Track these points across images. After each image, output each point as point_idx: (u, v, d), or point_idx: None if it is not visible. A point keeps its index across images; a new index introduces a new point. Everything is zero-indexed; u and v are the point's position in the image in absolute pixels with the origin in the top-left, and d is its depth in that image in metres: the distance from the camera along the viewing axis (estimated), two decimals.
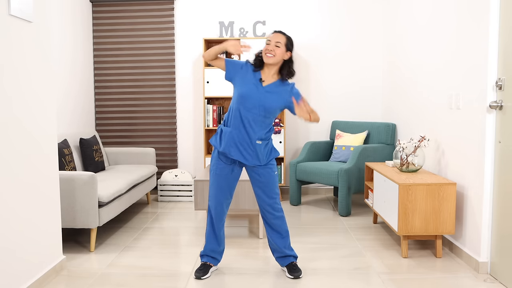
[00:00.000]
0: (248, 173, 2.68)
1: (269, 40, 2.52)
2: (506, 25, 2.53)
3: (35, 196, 2.51)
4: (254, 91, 2.52)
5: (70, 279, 2.70)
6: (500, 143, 2.61)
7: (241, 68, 2.60)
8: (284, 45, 2.51)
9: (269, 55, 2.49)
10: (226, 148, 2.56)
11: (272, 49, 2.49)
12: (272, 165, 2.65)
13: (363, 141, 4.54)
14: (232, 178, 2.64)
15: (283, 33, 2.55)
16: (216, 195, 2.65)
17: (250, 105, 2.51)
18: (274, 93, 2.54)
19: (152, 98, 5.13)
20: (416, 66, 3.92)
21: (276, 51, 2.49)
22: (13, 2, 2.25)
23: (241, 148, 2.55)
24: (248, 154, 2.56)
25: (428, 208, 2.95)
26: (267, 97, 2.51)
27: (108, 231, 3.71)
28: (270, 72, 2.57)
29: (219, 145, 2.59)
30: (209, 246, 2.74)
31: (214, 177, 2.64)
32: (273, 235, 2.73)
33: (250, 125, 2.52)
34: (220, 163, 2.62)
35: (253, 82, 2.54)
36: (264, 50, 2.52)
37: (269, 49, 2.49)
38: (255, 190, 2.68)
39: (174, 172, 4.88)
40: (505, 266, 2.56)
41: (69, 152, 3.65)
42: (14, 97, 2.30)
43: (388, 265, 2.90)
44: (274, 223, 2.70)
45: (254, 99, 2.50)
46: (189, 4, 5.08)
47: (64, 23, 4.40)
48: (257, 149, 2.56)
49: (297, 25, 5.06)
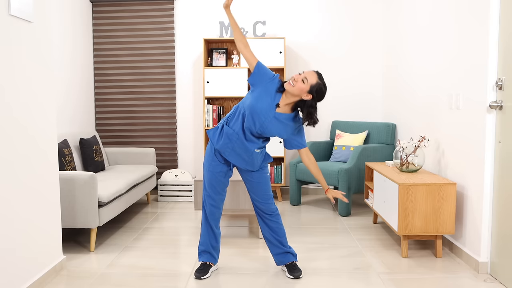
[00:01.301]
0: (241, 174, 2.70)
1: (303, 72, 2.45)
2: (506, 25, 2.53)
3: (35, 196, 2.51)
4: (265, 111, 2.46)
5: (70, 279, 2.70)
6: (500, 143, 2.61)
7: (269, 79, 2.50)
8: (309, 85, 2.40)
9: (290, 83, 2.41)
10: (223, 148, 2.57)
11: (297, 79, 2.40)
12: (264, 167, 2.68)
13: (363, 141, 4.54)
14: (224, 175, 2.66)
15: (319, 74, 2.45)
16: (208, 189, 2.67)
17: (254, 120, 2.48)
18: (282, 123, 2.49)
19: (152, 98, 5.14)
20: (416, 66, 3.92)
21: (298, 83, 2.40)
22: (13, 2, 2.25)
23: (238, 152, 2.56)
24: (243, 160, 2.58)
25: (428, 208, 2.95)
26: (273, 123, 2.47)
27: (108, 231, 3.71)
28: (287, 100, 2.47)
29: (216, 141, 2.58)
30: (204, 239, 2.74)
31: (207, 172, 2.65)
32: (269, 232, 2.75)
33: (249, 136, 2.53)
34: (214, 160, 2.63)
35: (270, 103, 2.47)
36: (291, 77, 2.45)
37: (294, 78, 2.41)
38: (250, 191, 2.71)
39: (174, 172, 4.88)
40: (505, 266, 2.56)
41: (69, 152, 3.66)
42: (14, 97, 2.30)
43: (388, 265, 2.90)
44: (271, 219, 2.73)
45: (261, 119, 2.46)
46: (189, 4, 5.08)
47: (64, 23, 4.40)
48: (254, 157, 2.58)
49: (297, 26, 5.06)
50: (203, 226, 2.74)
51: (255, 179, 2.66)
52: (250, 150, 2.54)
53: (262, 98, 2.46)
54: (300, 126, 2.57)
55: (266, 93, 2.48)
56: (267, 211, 2.71)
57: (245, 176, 2.69)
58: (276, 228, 2.73)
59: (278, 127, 2.49)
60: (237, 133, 2.53)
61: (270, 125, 2.47)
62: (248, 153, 2.56)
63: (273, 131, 2.49)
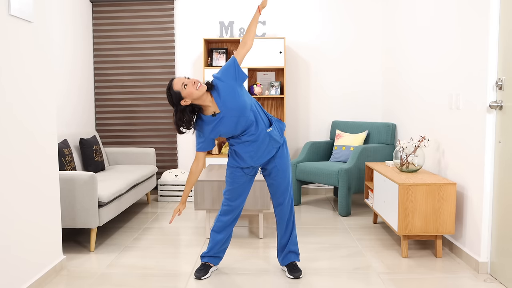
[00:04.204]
0: (266, 169, 2.66)
1: (178, 85, 2.36)
2: (506, 25, 2.53)
3: (35, 196, 2.51)
4: (225, 122, 2.43)
5: (70, 279, 2.70)
6: (500, 143, 2.61)
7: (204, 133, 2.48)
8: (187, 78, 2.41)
9: (197, 87, 2.34)
10: (252, 162, 2.56)
11: (194, 81, 2.35)
12: (284, 145, 2.66)
13: (363, 141, 4.54)
14: (248, 181, 2.67)
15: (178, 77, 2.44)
16: (236, 199, 2.66)
17: (239, 127, 2.46)
18: (227, 101, 2.42)
19: (152, 98, 5.14)
20: (416, 66, 3.92)
21: (196, 82, 2.35)
22: (13, 2, 2.25)
23: (262, 149, 2.54)
24: (271, 145, 2.55)
25: (428, 208, 2.95)
26: (232, 108, 2.42)
27: (108, 231, 3.71)
28: (207, 99, 2.41)
29: (243, 162, 2.58)
30: (215, 246, 2.74)
31: (232, 184, 2.64)
32: (281, 229, 2.74)
33: (254, 129, 2.51)
34: (237, 171, 2.63)
35: (215, 121, 2.44)
36: (188, 92, 2.34)
37: (193, 82, 2.34)
38: (271, 185, 2.67)
39: (174, 172, 4.88)
40: (505, 266, 2.56)
41: (69, 152, 3.66)
42: (14, 96, 2.30)
43: (388, 265, 2.90)
44: (287, 217, 2.72)
45: (232, 123, 2.44)
46: (189, 4, 5.08)
47: (64, 23, 4.40)
48: (272, 135, 2.54)
49: (297, 26, 5.06)
50: (216, 233, 2.75)
51: (278, 166, 2.61)
52: (263, 132, 2.51)
53: (215, 129, 2.47)
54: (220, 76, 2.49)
55: (210, 126, 2.47)
56: (287, 202, 2.69)
57: (270, 168, 2.63)
58: (290, 220, 2.74)
59: (232, 98, 2.41)
60: (245, 139, 2.51)
61: (234, 107, 2.41)
62: (267, 137, 2.53)
63: (239, 100, 2.42)
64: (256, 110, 2.51)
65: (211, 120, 2.45)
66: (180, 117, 2.40)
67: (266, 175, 2.69)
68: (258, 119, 2.50)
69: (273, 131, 2.55)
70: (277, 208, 2.71)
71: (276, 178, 2.64)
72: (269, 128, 2.55)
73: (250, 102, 2.49)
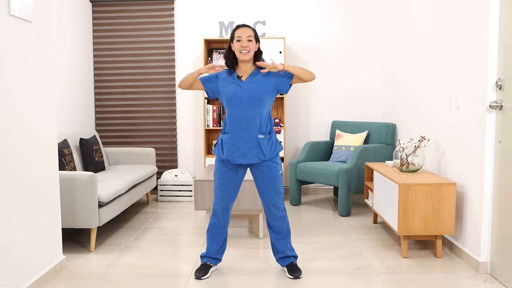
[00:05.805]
0: (253, 172, 2.67)
1: (240, 36, 2.51)
2: (506, 25, 2.53)
3: (36, 195, 2.51)
4: (238, 89, 2.54)
5: (70, 279, 2.70)
6: (500, 143, 2.61)
7: (216, 78, 2.63)
8: (254, 38, 2.54)
9: (244, 52, 2.51)
10: (229, 156, 2.57)
11: (246, 45, 2.50)
12: (277, 163, 2.65)
13: (363, 141, 4.54)
14: (236, 180, 2.66)
15: (249, 26, 2.57)
16: (221, 197, 2.67)
17: (241, 103, 2.52)
18: (256, 82, 2.55)
19: (152, 98, 5.14)
20: (416, 66, 3.92)
21: (250, 46, 2.51)
22: (13, 2, 2.25)
23: (244, 149, 2.55)
24: (251, 153, 2.55)
25: (428, 208, 2.95)
26: (253, 89, 2.53)
27: (108, 231, 3.71)
28: (246, 66, 2.58)
29: (222, 154, 2.62)
30: (212, 247, 2.74)
31: (219, 180, 2.65)
32: (274, 236, 2.74)
33: (249, 122, 2.53)
34: (223, 168, 2.64)
35: (234, 82, 2.56)
36: (237, 48, 2.52)
37: (243, 46, 2.50)
38: (259, 189, 2.67)
39: (174, 172, 4.88)
40: (505, 266, 2.56)
41: (69, 152, 3.65)
42: (16, 96, 2.30)
43: (388, 265, 2.90)
44: (276, 224, 2.71)
45: (242, 96, 2.52)
46: (189, 4, 5.08)
47: (64, 23, 4.40)
48: (260, 143, 2.55)
49: (297, 25, 5.06)
50: (211, 234, 2.76)
51: (266, 176, 2.62)
52: (254, 135, 2.54)
53: (227, 88, 2.57)
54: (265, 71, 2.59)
55: (225, 83, 2.59)
56: (275, 210, 2.68)
57: (257, 173, 2.64)
58: (280, 228, 2.72)
59: (259, 87, 2.54)
60: (236, 129, 2.56)
61: (253, 92, 2.52)
62: (254, 141, 2.55)
63: (260, 92, 2.53)
64: (263, 116, 2.56)
65: (231, 78, 2.57)
66: (226, 53, 2.60)
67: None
68: (257, 120, 2.54)
69: (263, 140, 2.56)
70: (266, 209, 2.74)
71: (258, 188, 2.68)
72: (261, 135, 2.56)
73: (266, 108, 2.57)
